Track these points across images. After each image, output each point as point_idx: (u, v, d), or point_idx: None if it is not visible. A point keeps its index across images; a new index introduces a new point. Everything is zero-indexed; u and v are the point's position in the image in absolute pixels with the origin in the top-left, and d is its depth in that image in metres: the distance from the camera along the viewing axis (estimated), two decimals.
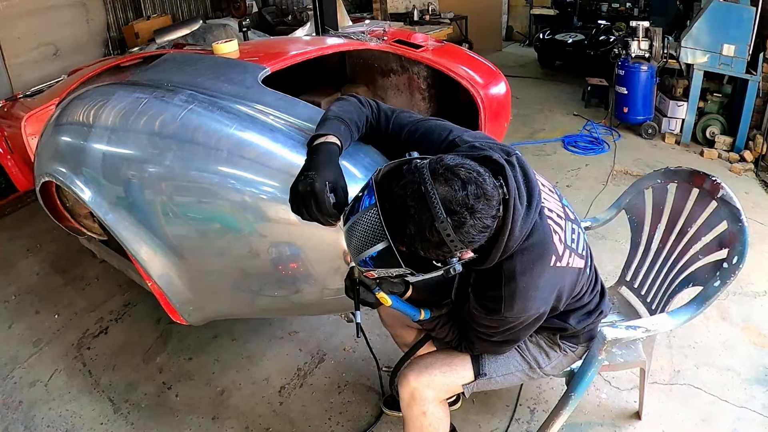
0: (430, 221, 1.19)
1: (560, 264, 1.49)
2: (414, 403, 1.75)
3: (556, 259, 1.48)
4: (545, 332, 1.83)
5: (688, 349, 2.68)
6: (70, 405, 2.58)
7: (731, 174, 4.53)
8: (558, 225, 1.52)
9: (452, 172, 1.23)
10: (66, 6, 6.81)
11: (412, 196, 1.21)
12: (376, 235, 1.23)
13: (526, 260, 1.43)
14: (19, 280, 3.58)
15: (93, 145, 2.14)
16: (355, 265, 1.42)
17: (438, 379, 1.76)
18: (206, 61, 2.63)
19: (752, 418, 2.32)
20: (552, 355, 1.85)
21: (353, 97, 1.71)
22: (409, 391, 1.75)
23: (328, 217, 1.43)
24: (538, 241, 1.45)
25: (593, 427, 2.31)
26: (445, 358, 1.81)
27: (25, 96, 3.89)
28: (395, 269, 1.27)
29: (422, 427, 1.77)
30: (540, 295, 1.47)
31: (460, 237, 1.21)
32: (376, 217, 1.22)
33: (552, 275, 1.48)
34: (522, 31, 10.04)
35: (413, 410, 1.76)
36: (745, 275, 3.07)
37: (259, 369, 2.71)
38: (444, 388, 1.78)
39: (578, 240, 1.59)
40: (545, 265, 1.46)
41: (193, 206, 1.91)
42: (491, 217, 1.27)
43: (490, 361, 1.80)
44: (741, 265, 1.87)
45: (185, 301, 2.10)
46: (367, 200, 1.26)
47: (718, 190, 2.03)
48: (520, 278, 1.43)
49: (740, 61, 4.59)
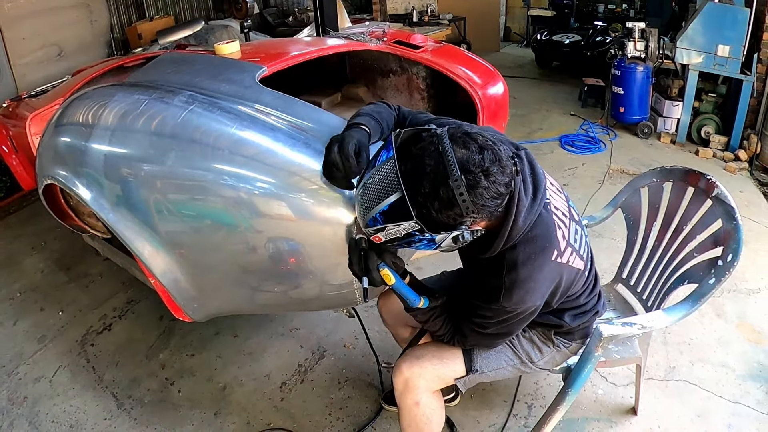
0: (444, 178, 1.23)
1: (561, 260, 1.52)
2: (407, 393, 1.78)
3: (558, 254, 1.51)
4: (539, 328, 1.86)
5: (684, 346, 2.70)
6: (74, 400, 2.60)
7: (726, 173, 4.57)
8: (562, 222, 1.55)
9: (470, 137, 1.29)
10: (70, 7, 6.80)
11: (429, 155, 1.25)
12: (390, 187, 1.27)
13: (528, 251, 1.46)
14: (24, 278, 3.60)
15: (94, 146, 2.15)
16: (363, 228, 1.42)
17: (430, 370, 1.79)
18: (204, 61, 2.65)
19: (746, 413, 2.34)
20: (545, 351, 1.87)
21: (383, 102, 1.78)
22: (402, 380, 1.78)
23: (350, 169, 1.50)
24: (542, 233, 1.48)
25: (590, 423, 2.33)
26: (437, 350, 1.83)
27: (30, 96, 3.89)
28: (406, 223, 1.28)
29: (415, 417, 1.80)
30: (539, 288, 1.50)
31: (473, 198, 1.24)
32: (393, 168, 1.26)
33: (552, 269, 1.51)
34: (520, 32, 10.08)
35: (407, 400, 1.79)
36: (739, 273, 3.09)
37: (260, 365, 2.74)
38: (435, 380, 1.81)
39: (581, 241, 1.62)
40: (547, 257, 1.48)
41: (194, 204, 1.93)
42: (504, 185, 1.30)
43: (482, 356, 1.82)
44: (735, 262, 1.88)
45: (188, 298, 2.11)
46: (385, 155, 1.31)
47: (712, 189, 2.04)
48: (521, 268, 1.46)
49: (735, 61, 4.63)
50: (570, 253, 1.55)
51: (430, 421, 1.82)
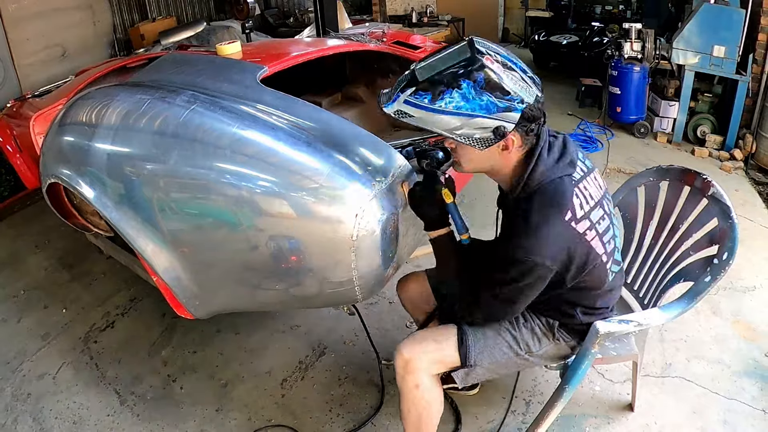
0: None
1: (574, 225, 1.58)
2: (407, 375, 1.80)
3: (572, 217, 1.57)
4: (544, 318, 1.87)
5: (680, 343, 2.71)
6: (78, 397, 2.62)
7: (722, 172, 4.58)
8: (584, 198, 1.64)
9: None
10: (73, 8, 6.85)
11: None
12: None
13: (541, 201, 1.58)
14: (27, 276, 3.62)
15: (97, 145, 2.18)
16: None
17: (429, 354, 1.81)
18: (206, 61, 2.67)
19: (742, 409, 2.35)
20: (543, 342, 1.88)
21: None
22: (403, 362, 1.81)
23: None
24: (557, 190, 1.59)
25: (587, 419, 2.34)
26: (437, 334, 1.87)
27: (34, 96, 3.92)
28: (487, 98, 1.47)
29: (415, 399, 1.82)
30: (550, 243, 1.54)
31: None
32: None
33: (564, 230, 1.57)
34: (518, 33, 10.09)
35: (407, 382, 1.81)
36: (735, 271, 3.07)
37: (261, 362, 2.75)
38: (435, 363, 1.82)
39: (606, 230, 1.69)
40: (559, 215, 1.56)
41: (196, 203, 1.95)
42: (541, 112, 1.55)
43: (477, 350, 1.82)
44: (731, 261, 1.88)
45: (190, 295, 2.13)
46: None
47: (708, 188, 2.05)
48: (533, 215, 1.56)
49: (730, 62, 4.65)
50: (588, 227, 1.61)
51: (430, 406, 1.84)
